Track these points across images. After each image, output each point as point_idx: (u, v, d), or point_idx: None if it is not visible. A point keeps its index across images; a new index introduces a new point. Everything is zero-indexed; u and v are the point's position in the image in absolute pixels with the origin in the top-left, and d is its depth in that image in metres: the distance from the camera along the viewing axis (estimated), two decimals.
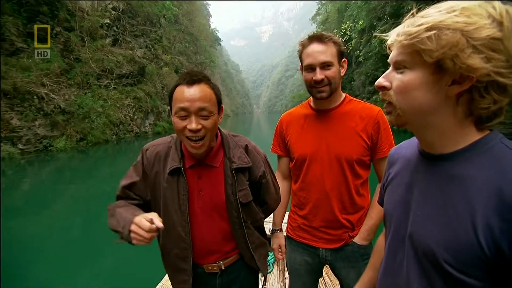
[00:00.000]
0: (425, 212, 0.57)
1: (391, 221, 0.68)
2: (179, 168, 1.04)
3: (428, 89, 0.52)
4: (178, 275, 1.10)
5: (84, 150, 13.72)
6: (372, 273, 0.88)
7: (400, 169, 0.70)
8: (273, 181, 1.24)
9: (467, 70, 0.47)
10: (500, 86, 0.48)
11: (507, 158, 0.49)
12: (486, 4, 0.48)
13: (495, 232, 0.46)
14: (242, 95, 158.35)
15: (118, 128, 17.71)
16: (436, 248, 0.53)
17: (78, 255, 3.95)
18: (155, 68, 23.58)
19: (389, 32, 0.57)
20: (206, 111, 0.95)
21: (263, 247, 1.23)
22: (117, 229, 0.94)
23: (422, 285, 0.57)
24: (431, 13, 0.50)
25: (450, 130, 0.54)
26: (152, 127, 21.84)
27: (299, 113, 1.34)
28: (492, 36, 0.45)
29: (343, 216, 1.24)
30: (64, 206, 6.46)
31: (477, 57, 0.46)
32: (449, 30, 0.47)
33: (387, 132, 1.20)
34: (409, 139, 0.73)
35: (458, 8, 0.48)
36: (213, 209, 1.08)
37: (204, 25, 48.60)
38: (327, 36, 1.15)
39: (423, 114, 0.54)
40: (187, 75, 0.97)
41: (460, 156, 0.54)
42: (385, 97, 0.59)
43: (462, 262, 0.50)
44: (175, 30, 31.98)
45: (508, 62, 0.47)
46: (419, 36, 0.49)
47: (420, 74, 0.52)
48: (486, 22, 0.46)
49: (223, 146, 1.11)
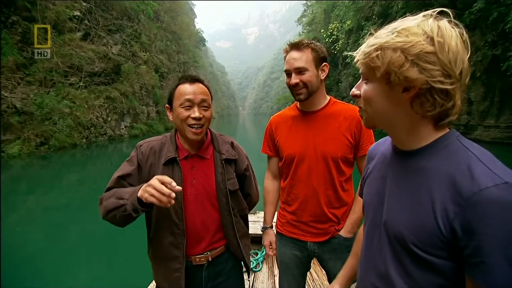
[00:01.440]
0: (397, 202, 0.65)
1: (369, 210, 0.76)
2: (175, 158, 1.13)
3: (385, 97, 0.61)
4: (171, 264, 1.14)
5: (45, 156, 12.08)
6: (354, 261, 0.94)
7: (376, 163, 0.77)
8: (254, 178, 1.40)
9: (407, 80, 0.56)
10: (442, 91, 0.55)
11: (461, 153, 0.57)
12: (424, 23, 0.56)
13: (450, 215, 0.54)
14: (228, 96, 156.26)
15: (89, 131, 16.07)
16: (405, 232, 0.61)
17: (38, 279, 3.35)
18: (132, 66, 21.90)
19: (357, 50, 0.65)
20: (206, 103, 1.13)
21: (247, 238, 1.33)
22: (118, 204, 0.98)
23: (396, 266, 0.64)
24: (381, 34, 0.59)
25: (411, 129, 0.62)
26: (129, 129, 20.13)
27: (287, 115, 1.42)
28: (425, 51, 0.54)
29: (329, 210, 1.30)
30: (20, 219, 5.40)
31: (413, 70, 0.55)
32: (391, 49, 0.56)
33: (368, 131, 1.27)
34: (385, 137, 0.80)
35: (399, 29, 0.57)
36: (204, 197, 1.17)
37: (188, 24, 46.81)
38: (304, 43, 1.24)
39: (385, 117, 0.64)
40: (188, 76, 1.15)
41: (424, 151, 0.62)
42: (358, 103, 0.68)
43: (426, 244, 0.57)
44: (155, 27, 30.31)
45: (445, 71, 0.54)
46: (370, 55, 0.59)
47: (377, 84, 0.62)
48: (420, 39, 0.54)
49: (213, 141, 1.25)
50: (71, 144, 14.12)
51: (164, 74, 29.70)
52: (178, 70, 37.21)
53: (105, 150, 15.42)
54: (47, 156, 12.10)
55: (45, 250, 4.20)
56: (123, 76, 20.10)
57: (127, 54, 22.18)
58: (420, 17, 0.57)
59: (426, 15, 0.57)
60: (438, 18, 0.56)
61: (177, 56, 37.34)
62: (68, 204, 6.40)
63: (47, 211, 5.95)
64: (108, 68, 18.50)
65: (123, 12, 22.29)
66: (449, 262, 0.56)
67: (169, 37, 34.42)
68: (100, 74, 17.79)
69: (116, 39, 21.29)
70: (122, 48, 21.63)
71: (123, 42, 21.93)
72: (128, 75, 20.74)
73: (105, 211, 1.02)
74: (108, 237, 4.40)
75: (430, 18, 0.56)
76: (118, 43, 21.37)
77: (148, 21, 28.07)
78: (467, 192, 0.52)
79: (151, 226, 1.16)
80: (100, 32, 19.17)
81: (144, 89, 23.64)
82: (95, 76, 17.40)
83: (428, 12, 0.58)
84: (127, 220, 1.03)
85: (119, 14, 21.82)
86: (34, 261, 3.72)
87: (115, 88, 18.84)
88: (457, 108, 0.58)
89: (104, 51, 18.48)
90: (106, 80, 18.45)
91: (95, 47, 18.01)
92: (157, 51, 29.10)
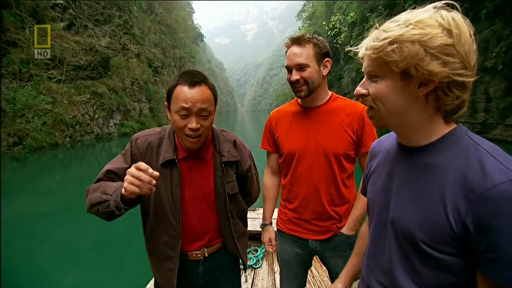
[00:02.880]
0: (404, 198, 0.63)
1: (374, 208, 0.74)
2: (173, 160, 1.08)
3: (400, 93, 0.59)
4: (164, 263, 1.12)
5: (18, 157, 10.85)
6: (357, 259, 0.92)
7: (381, 160, 0.75)
8: (256, 175, 1.35)
9: (429, 75, 0.54)
10: (459, 84, 0.54)
11: (471, 148, 0.56)
12: (436, 15, 0.54)
13: (461, 211, 0.53)
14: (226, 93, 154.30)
15: (73, 129, 14.81)
16: (413, 229, 0.59)
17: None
18: (123, 60, 20.54)
19: (359, 45, 0.63)
20: (206, 111, 1.02)
21: (245, 237, 1.31)
22: (101, 199, 0.94)
23: (402, 263, 0.63)
24: (392, 27, 0.56)
25: (423, 125, 0.61)
26: (119, 127, 18.81)
27: (287, 110, 1.37)
28: (445, 43, 0.52)
29: (331, 208, 1.28)
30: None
31: (435, 63, 0.53)
32: (409, 42, 0.54)
33: (371, 127, 1.24)
34: (388, 133, 0.78)
35: (413, 21, 0.54)
36: (202, 199, 1.13)
37: (185, 18, 45.26)
38: (306, 38, 1.19)
39: (399, 114, 0.61)
40: (188, 76, 1.01)
41: (433, 147, 0.60)
42: (366, 102, 0.65)
43: (435, 241, 0.56)
44: (149, 19, 28.86)
45: (463, 63, 0.53)
46: (384, 50, 0.56)
47: (391, 81, 0.59)
48: (437, 31, 0.52)
49: (213, 140, 1.18)
50: (52, 144, 12.87)
51: (158, 69, 28.32)
52: (174, 65, 35.86)
53: (92, 149, 14.24)
54: (21, 158, 10.86)
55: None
56: (112, 70, 18.72)
57: (117, 47, 20.77)
58: (431, 9, 0.55)
59: (436, 6, 0.55)
60: (448, 9, 0.55)
61: (172, 51, 35.90)
62: (45, 210, 5.62)
63: (19, 219, 5.08)
64: (95, 61, 17.15)
65: (112, 3, 20.84)
66: (459, 259, 0.56)
67: (164, 30, 32.92)
68: (86, 68, 16.46)
69: (104, 30, 19.85)
70: (112, 41, 20.20)
71: (113, 34, 20.47)
72: (118, 69, 19.36)
73: (89, 204, 0.98)
74: (98, 242, 4.15)
75: (442, 10, 0.54)
76: (107, 35, 19.93)
77: (141, 13, 26.62)
78: (480, 188, 0.51)
79: (147, 225, 1.13)
80: (86, 22, 17.75)
81: (136, 84, 22.27)
82: (80, 69, 16.07)
83: (437, 4, 0.56)
84: (111, 216, 0.97)
85: (108, 4, 20.36)
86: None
87: (103, 83, 17.51)
88: (467, 102, 0.57)
89: (90, 43, 17.10)
90: (93, 74, 17.12)
91: (80, 38, 16.63)
92: (150, 45, 27.63)
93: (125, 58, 21.14)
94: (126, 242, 4.22)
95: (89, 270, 3.50)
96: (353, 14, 22.62)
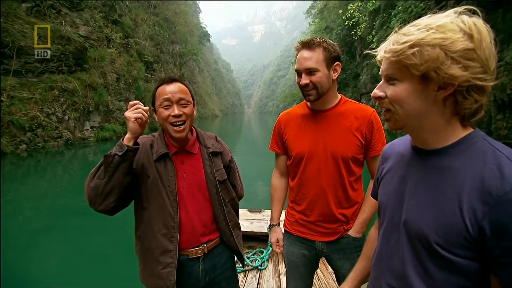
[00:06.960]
0: (418, 200, 0.64)
1: (386, 210, 0.74)
2: (167, 153, 1.18)
3: (418, 96, 0.59)
4: (161, 258, 1.13)
5: None
6: (365, 262, 0.93)
7: (393, 163, 0.76)
8: (237, 170, 1.44)
9: (449, 78, 0.55)
10: (479, 88, 0.55)
11: (488, 152, 0.56)
12: (457, 20, 0.55)
13: (478, 214, 0.53)
14: (233, 94, 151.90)
15: (32, 134, 11.91)
16: (427, 231, 0.59)
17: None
18: (106, 53, 17.60)
19: (378, 48, 0.64)
20: (185, 100, 1.16)
21: (239, 229, 1.37)
22: (101, 163, 1.03)
23: (415, 266, 0.63)
24: (412, 31, 0.57)
25: (440, 128, 0.61)
26: (97, 131, 15.83)
27: (296, 112, 1.39)
28: (466, 48, 0.53)
29: (338, 210, 1.28)
30: None
31: (456, 67, 0.54)
32: (429, 46, 0.54)
33: (380, 131, 1.25)
34: (401, 137, 0.79)
35: (434, 25, 0.55)
36: (196, 189, 1.21)
37: (186, 12, 42.37)
38: (316, 42, 1.19)
39: (417, 117, 0.61)
40: (166, 77, 1.19)
41: (449, 150, 0.61)
42: (383, 105, 0.66)
43: (450, 243, 0.56)
44: (144, 11, 26.01)
45: (483, 67, 0.54)
46: (405, 53, 0.57)
47: (409, 84, 0.60)
48: (459, 36, 0.53)
49: (198, 138, 1.31)
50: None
51: (153, 64, 25.41)
52: (173, 62, 32.96)
53: (60, 157, 11.38)
54: None
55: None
56: (89, 63, 15.80)
57: (100, 37, 17.87)
58: (452, 14, 0.56)
59: (457, 11, 0.56)
60: (470, 15, 0.55)
61: (171, 46, 32.98)
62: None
63: None
64: (67, 52, 14.28)
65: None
66: (473, 262, 0.56)
67: (161, 23, 30.02)
68: (53, 59, 13.56)
69: (85, 18, 16.97)
70: (93, 30, 17.30)
71: (95, 23, 17.57)
72: (98, 62, 16.43)
73: (90, 178, 1.04)
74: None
75: (463, 15, 0.55)
76: (88, 22, 17.02)
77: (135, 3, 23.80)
78: (498, 191, 0.51)
79: (144, 221, 1.16)
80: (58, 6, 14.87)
81: (123, 80, 19.33)
82: (45, 61, 13.18)
83: (458, 9, 0.57)
84: (115, 177, 1.03)
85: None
86: None
87: (76, 78, 14.61)
88: (485, 106, 0.58)
89: (61, 30, 14.21)
90: (66, 67, 14.28)
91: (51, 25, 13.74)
92: (143, 38, 24.72)
93: (111, 51, 18.20)
94: (127, 242, 3.43)
95: (89, 270, 3.41)
96: (374, 1, 19.21)
